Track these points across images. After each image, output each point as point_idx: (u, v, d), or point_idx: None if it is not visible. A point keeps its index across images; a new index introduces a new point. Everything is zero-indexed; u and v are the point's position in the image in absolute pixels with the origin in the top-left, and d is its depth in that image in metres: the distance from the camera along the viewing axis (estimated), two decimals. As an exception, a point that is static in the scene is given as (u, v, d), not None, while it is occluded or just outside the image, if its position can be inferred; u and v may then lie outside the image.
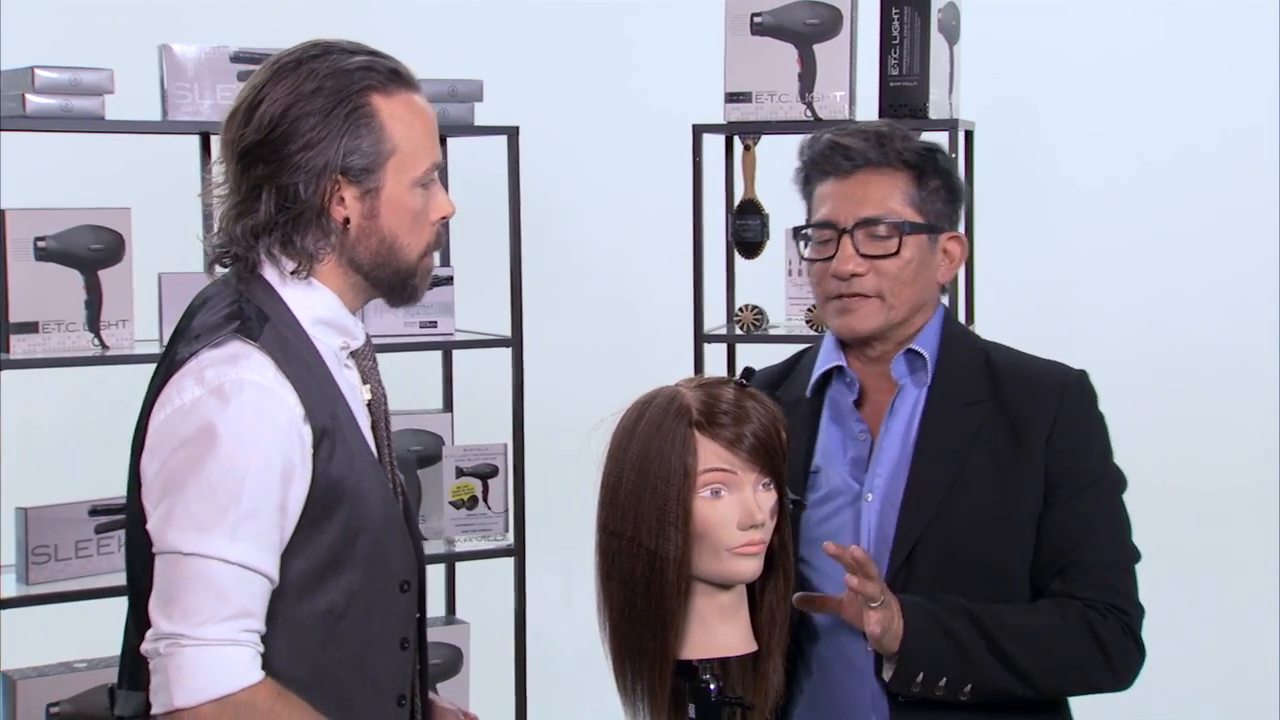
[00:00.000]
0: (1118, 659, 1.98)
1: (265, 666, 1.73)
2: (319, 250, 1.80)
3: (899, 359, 2.05)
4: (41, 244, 2.92)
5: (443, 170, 3.42)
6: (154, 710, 1.72)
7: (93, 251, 2.97)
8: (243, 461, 1.70)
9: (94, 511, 2.99)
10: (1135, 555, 2.03)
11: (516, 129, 3.35)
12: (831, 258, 2.02)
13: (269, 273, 1.81)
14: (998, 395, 2.02)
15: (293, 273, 1.80)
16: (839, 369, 2.07)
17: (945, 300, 2.15)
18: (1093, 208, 3.92)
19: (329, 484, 1.76)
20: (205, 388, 1.72)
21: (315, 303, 1.82)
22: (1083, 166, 3.91)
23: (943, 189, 2.04)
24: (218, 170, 1.83)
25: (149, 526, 1.75)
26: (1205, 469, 3.79)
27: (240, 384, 1.71)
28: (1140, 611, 2.01)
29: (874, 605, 1.89)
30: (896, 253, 2.00)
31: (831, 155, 2.03)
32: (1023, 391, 2.02)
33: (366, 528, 1.80)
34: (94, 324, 2.97)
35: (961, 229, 2.10)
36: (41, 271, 2.92)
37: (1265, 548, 3.76)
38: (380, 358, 3.23)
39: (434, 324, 3.33)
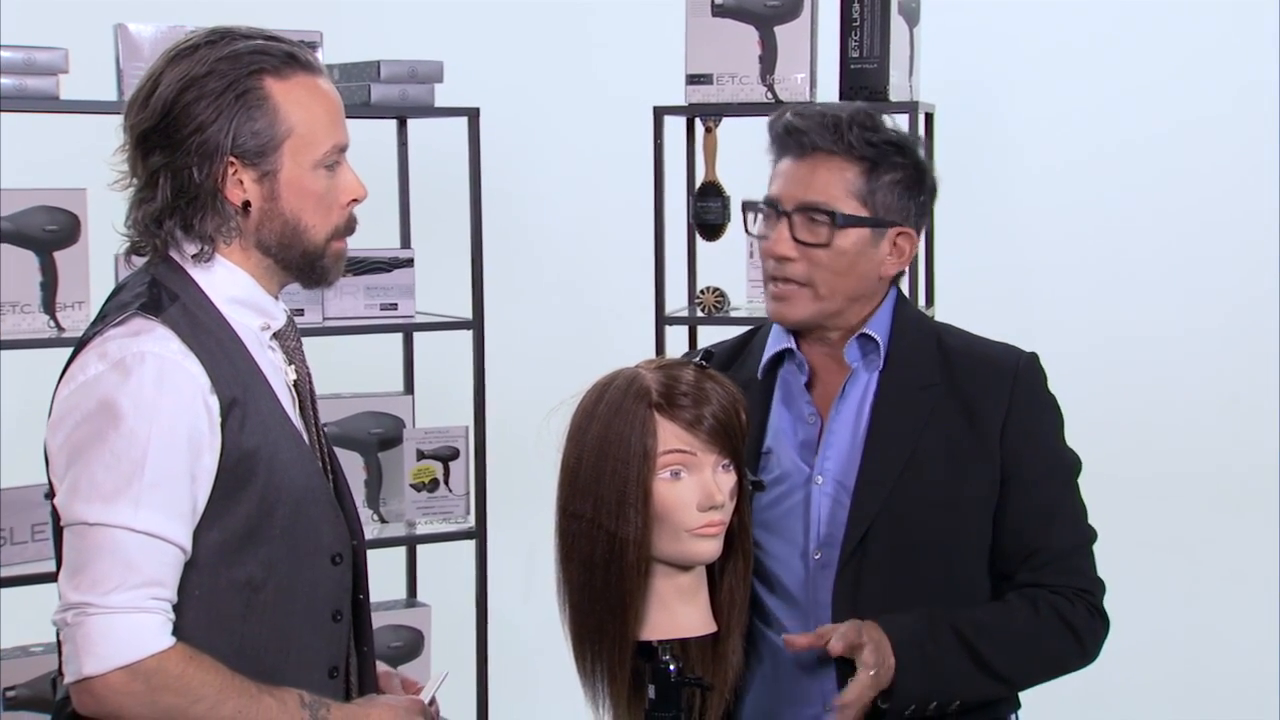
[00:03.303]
0: (1088, 641, 2.01)
1: (184, 639, 1.74)
2: (219, 233, 1.82)
3: (852, 343, 2.04)
4: (-4, 225, 2.90)
5: (403, 151, 3.47)
6: (66, 680, 1.74)
7: (48, 233, 2.94)
8: (145, 431, 1.71)
9: (50, 494, 2.96)
10: (1093, 535, 2.06)
11: (477, 110, 3.33)
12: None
13: (177, 256, 1.84)
14: (950, 379, 2.02)
15: (194, 256, 1.82)
16: (790, 350, 2.07)
17: (904, 286, 2.13)
18: (1053, 191, 3.94)
19: (241, 455, 1.77)
20: (107, 362, 1.74)
21: (228, 283, 1.84)
22: (1043, 150, 3.93)
23: (900, 184, 2.01)
24: (120, 159, 1.85)
25: (56, 501, 1.77)
26: (1160, 454, 3.82)
27: (141, 356, 1.73)
28: (1102, 587, 2.04)
29: (866, 666, 1.89)
30: (827, 244, 1.99)
31: (787, 136, 2.03)
32: (975, 375, 2.02)
33: (285, 499, 1.81)
34: (49, 306, 2.95)
35: (920, 224, 2.05)
36: (-4, 253, 2.90)
37: (1221, 528, 3.81)
38: (341, 340, 3.30)
39: (394, 306, 3.32)
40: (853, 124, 2.00)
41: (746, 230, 2.10)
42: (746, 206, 2.10)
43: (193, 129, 1.78)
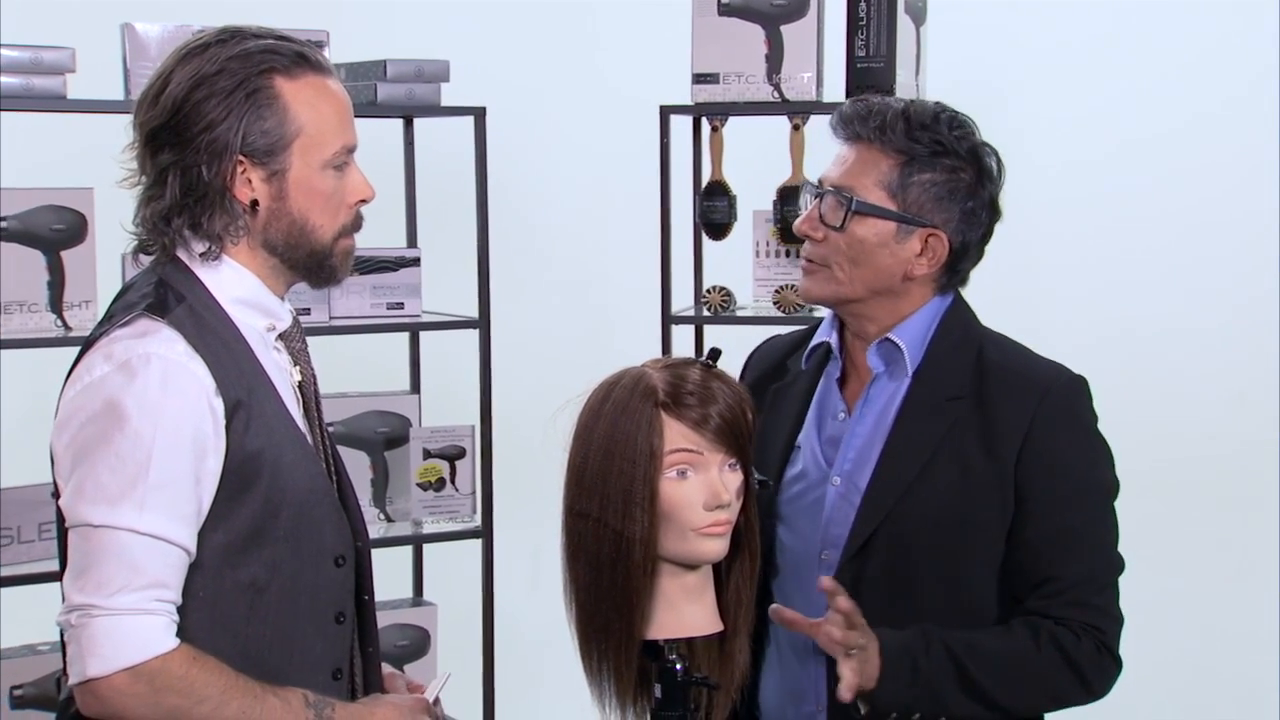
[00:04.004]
0: (1092, 677, 1.96)
1: (189, 640, 1.75)
2: (227, 232, 1.82)
3: (874, 347, 2.02)
4: (3, 224, 2.90)
5: (409, 150, 3.47)
6: (70, 681, 1.74)
7: (55, 232, 2.95)
8: (150, 433, 1.72)
9: (56, 495, 2.97)
10: (1117, 568, 2.00)
11: (483, 110, 3.33)
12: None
13: (184, 255, 1.84)
14: (979, 393, 1.98)
15: (202, 255, 1.82)
16: (830, 344, 2.07)
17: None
18: (1058, 190, 3.93)
19: (245, 457, 1.78)
20: (113, 364, 1.75)
21: (234, 283, 1.84)
22: (1049, 148, 3.92)
23: (940, 185, 1.98)
24: (129, 156, 1.85)
25: (61, 502, 1.78)
26: (1161, 451, 3.81)
27: (147, 358, 1.74)
28: (1118, 625, 1.99)
29: (851, 652, 1.87)
30: (840, 228, 1.99)
31: (841, 122, 2.04)
32: (1003, 392, 1.98)
33: (290, 501, 1.81)
34: (56, 305, 2.95)
35: (967, 233, 2.01)
36: (3, 252, 2.89)
37: (1223, 525, 3.81)
38: (347, 339, 3.31)
39: (401, 305, 3.32)
40: (901, 118, 1.99)
41: (799, 210, 2.11)
42: (805, 187, 2.12)
43: (202, 127, 1.78)
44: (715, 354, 1.93)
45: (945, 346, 2.01)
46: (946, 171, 1.99)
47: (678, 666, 1.87)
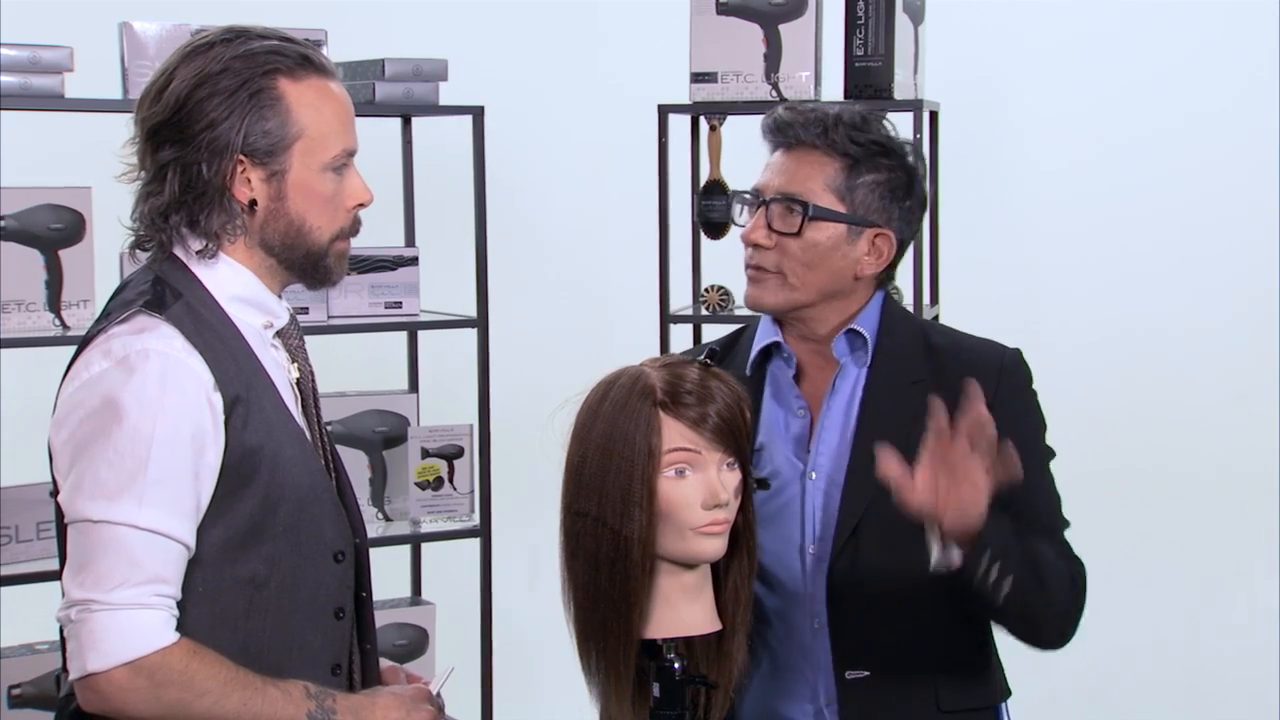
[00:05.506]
0: (1074, 604, 1.99)
1: (188, 636, 1.75)
2: (224, 231, 1.83)
3: (840, 338, 2.06)
4: (1, 223, 2.90)
5: (407, 149, 3.47)
6: (71, 676, 1.75)
7: (53, 231, 2.95)
8: (149, 429, 1.72)
9: (54, 492, 2.96)
10: (1067, 524, 2.07)
11: (482, 109, 3.34)
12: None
13: (181, 253, 1.84)
14: (937, 375, 2.03)
15: (198, 252, 1.83)
16: (777, 345, 2.09)
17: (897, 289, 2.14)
18: (1057, 189, 3.94)
19: (244, 452, 1.78)
20: (111, 360, 1.75)
21: (232, 281, 1.84)
22: (1048, 148, 3.93)
23: (883, 185, 2.03)
24: (128, 151, 1.86)
25: (59, 498, 1.78)
26: (1162, 449, 3.81)
27: (145, 354, 1.74)
28: (1085, 569, 2.04)
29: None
30: (797, 234, 2.01)
31: (777, 129, 2.07)
32: (962, 373, 2.00)
33: (289, 496, 1.81)
34: (54, 304, 2.95)
35: (905, 231, 2.06)
36: (1, 251, 2.89)
37: (1223, 524, 3.80)
38: (345, 338, 3.31)
39: (399, 305, 3.32)
40: (839, 122, 2.03)
41: (733, 221, 2.13)
42: (735, 197, 2.13)
43: (204, 125, 1.79)
44: (713, 353, 1.92)
45: (894, 334, 2.07)
46: (887, 171, 2.04)
47: (676, 665, 1.87)
